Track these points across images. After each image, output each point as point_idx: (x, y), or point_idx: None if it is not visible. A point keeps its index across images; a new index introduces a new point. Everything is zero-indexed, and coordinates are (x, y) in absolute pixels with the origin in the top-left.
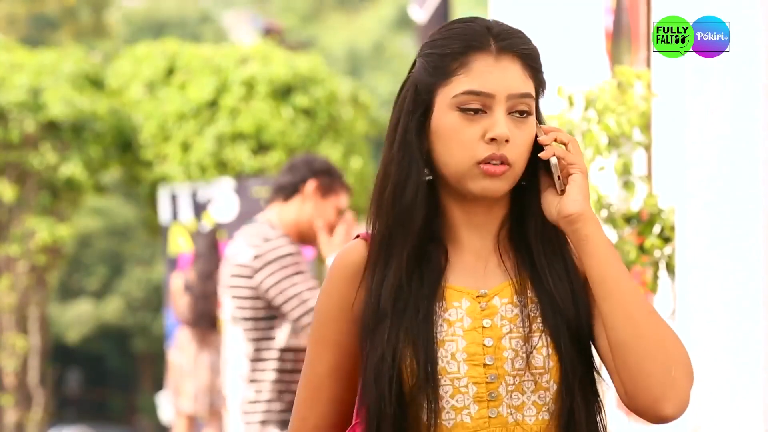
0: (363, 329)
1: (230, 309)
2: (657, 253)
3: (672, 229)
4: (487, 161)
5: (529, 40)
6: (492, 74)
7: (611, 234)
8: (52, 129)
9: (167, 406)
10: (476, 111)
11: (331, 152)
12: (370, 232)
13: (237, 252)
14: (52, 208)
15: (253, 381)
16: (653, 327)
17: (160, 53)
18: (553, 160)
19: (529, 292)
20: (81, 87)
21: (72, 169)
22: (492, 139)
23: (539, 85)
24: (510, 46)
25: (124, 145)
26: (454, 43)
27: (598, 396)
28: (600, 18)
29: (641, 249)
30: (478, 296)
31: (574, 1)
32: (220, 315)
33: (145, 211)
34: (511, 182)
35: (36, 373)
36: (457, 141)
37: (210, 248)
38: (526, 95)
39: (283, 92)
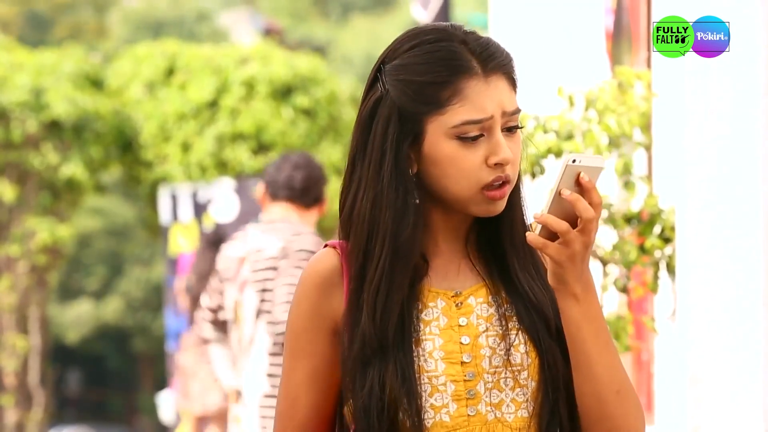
0: (355, 360)
1: (255, 302)
2: (657, 254)
3: (672, 229)
4: (491, 185)
5: (504, 50)
6: (487, 98)
7: (611, 234)
8: (53, 129)
9: (168, 406)
10: (475, 138)
11: (331, 152)
12: (343, 242)
13: (265, 246)
14: (52, 208)
15: (271, 375)
16: (620, 406)
17: (160, 53)
18: None
19: (503, 293)
20: (82, 87)
21: (73, 169)
22: (496, 164)
23: (516, 91)
24: (497, 66)
25: (125, 145)
26: (436, 69)
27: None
28: (600, 18)
29: (641, 249)
30: (453, 296)
31: (574, 1)
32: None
33: (145, 211)
34: (507, 197)
35: (36, 373)
36: (459, 169)
37: (206, 248)
38: (517, 111)
39: (283, 92)
